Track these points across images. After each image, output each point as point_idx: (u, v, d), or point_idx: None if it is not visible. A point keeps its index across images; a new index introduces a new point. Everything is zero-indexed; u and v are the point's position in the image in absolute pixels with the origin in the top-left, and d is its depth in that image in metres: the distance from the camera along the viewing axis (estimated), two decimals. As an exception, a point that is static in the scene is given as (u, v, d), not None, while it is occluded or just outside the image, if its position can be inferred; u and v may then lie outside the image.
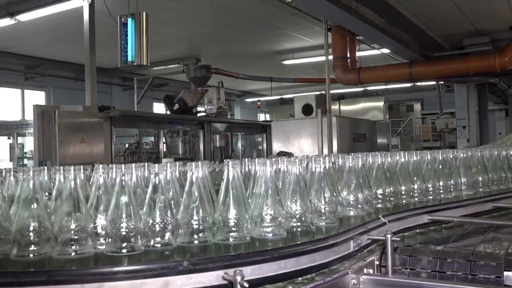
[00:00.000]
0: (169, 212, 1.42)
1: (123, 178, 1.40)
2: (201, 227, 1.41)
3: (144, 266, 1.25)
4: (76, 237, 1.34)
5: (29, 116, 8.01)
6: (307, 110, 8.83)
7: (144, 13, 7.03)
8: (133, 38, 6.91)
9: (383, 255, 1.78)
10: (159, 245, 1.38)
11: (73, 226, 1.34)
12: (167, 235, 1.40)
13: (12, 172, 1.61)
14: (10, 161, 8.39)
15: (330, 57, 9.61)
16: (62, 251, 1.32)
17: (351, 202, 1.88)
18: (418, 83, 13.93)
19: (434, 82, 14.81)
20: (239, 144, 12.35)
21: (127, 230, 1.35)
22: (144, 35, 6.94)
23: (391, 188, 2.16)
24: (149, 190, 1.46)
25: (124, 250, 1.33)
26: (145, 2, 7.51)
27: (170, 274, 1.24)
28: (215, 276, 1.27)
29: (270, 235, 1.45)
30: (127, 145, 9.79)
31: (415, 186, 2.31)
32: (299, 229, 1.55)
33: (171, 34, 10.66)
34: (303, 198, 1.58)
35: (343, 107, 17.66)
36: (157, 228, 1.40)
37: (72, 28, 8.88)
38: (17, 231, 1.35)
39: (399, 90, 18.40)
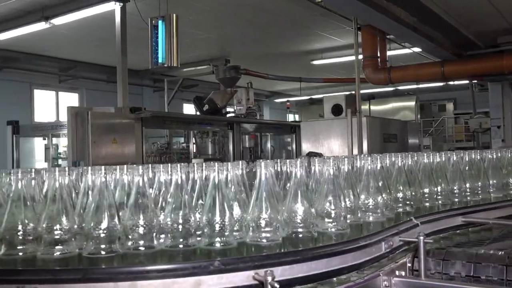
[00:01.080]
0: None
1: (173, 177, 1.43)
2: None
3: (176, 266, 1.27)
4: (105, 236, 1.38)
5: (63, 117, 8.21)
6: (336, 110, 8.76)
7: (174, 15, 7.11)
8: (163, 40, 6.99)
9: (416, 257, 1.75)
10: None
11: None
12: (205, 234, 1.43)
13: (45, 172, 1.64)
14: (45, 161, 8.59)
15: (360, 56, 9.51)
16: (107, 249, 1.37)
17: (381, 204, 1.86)
18: (451, 82, 13.65)
19: (467, 81, 14.49)
20: (268, 145, 12.35)
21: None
22: (174, 37, 7.02)
23: (425, 189, 2.13)
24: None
25: (181, 246, 1.41)
26: (175, 4, 7.59)
27: (201, 273, 1.25)
28: (245, 276, 1.28)
29: (301, 235, 1.46)
30: (158, 145, 9.90)
31: (445, 188, 2.26)
32: (333, 230, 1.55)
33: (201, 35, 10.74)
34: (336, 199, 1.57)
35: (373, 107, 17.43)
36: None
37: (104, 31, 9.05)
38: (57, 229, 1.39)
39: (431, 90, 18.07)
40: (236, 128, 10.09)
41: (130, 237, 1.40)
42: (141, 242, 1.39)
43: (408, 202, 2.04)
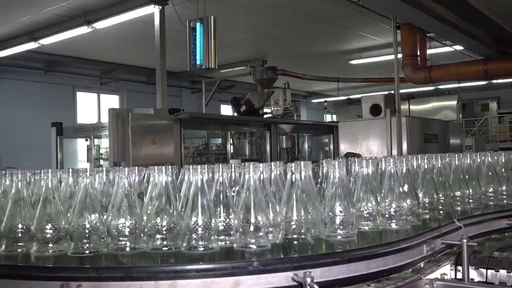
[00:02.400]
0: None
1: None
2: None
3: (215, 265, 1.28)
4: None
5: (105, 119, 8.39)
6: (375, 110, 8.64)
7: (212, 17, 7.17)
8: (201, 41, 7.06)
9: (458, 260, 1.71)
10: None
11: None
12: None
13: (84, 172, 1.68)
14: (87, 161, 8.81)
15: (399, 55, 9.35)
16: (154, 247, 1.41)
17: (426, 205, 1.83)
18: (494, 81, 13.23)
19: (511, 80, 14.02)
20: (306, 145, 12.30)
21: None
22: (212, 39, 7.08)
23: (468, 191, 2.07)
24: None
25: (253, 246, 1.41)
26: (213, 6, 7.65)
27: (240, 274, 1.25)
28: (284, 277, 1.27)
29: (339, 237, 1.44)
30: (196, 146, 10.01)
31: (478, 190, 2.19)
32: (371, 231, 1.53)
33: (238, 36, 10.80)
34: (375, 200, 1.55)
35: (413, 107, 17.13)
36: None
37: (144, 34, 9.22)
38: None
39: (473, 88, 17.55)
40: (273, 128, 10.09)
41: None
42: (200, 243, 1.42)
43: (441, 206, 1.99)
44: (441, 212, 1.95)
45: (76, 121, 12.70)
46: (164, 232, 1.42)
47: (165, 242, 1.42)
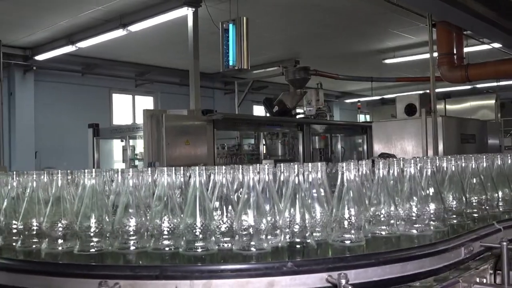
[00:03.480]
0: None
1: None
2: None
3: (249, 266, 1.29)
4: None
5: (139, 120, 8.52)
6: (410, 110, 8.50)
7: (244, 18, 7.20)
8: (234, 43, 7.10)
9: (498, 264, 1.66)
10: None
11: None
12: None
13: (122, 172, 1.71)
14: (123, 162, 8.98)
15: (435, 54, 9.17)
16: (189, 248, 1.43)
17: (454, 209, 1.78)
18: (535, 79, 12.83)
19: (553, 77, 13.55)
20: (339, 146, 12.20)
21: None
22: (244, 40, 7.11)
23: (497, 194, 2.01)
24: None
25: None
26: (245, 8, 7.68)
27: (274, 274, 1.26)
28: (318, 278, 1.27)
29: (348, 242, 1.44)
30: (229, 147, 10.05)
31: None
32: (414, 232, 1.51)
33: (270, 37, 10.80)
34: (415, 201, 1.53)
35: (449, 106, 16.76)
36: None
37: (177, 35, 9.32)
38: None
39: (512, 87, 17.08)
40: (306, 129, 10.05)
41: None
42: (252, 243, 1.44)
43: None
44: (475, 215, 1.89)
45: (112, 122, 12.95)
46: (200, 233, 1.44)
47: (199, 244, 1.43)
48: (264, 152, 10.31)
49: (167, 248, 1.46)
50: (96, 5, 8.47)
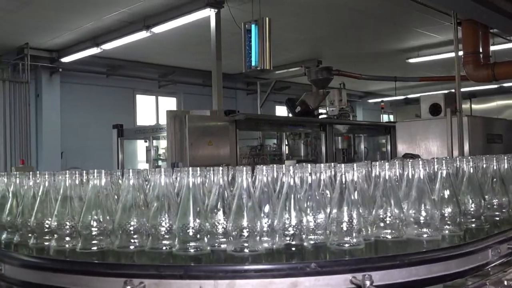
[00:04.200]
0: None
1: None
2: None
3: (273, 266, 1.29)
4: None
5: (163, 120, 8.61)
6: (434, 110, 8.39)
7: (267, 18, 7.21)
8: (256, 43, 7.11)
9: (527, 267, 1.63)
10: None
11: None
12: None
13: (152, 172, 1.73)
14: (147, 162, 9.08)
15: (460, 53, 9.02)
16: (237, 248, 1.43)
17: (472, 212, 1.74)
18: None
19: None
20: (362, 146, 12.11)
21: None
22: (267, 40, 7.12)
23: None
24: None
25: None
26: (267, 8, 7.69)
27: (298, 275, 1.25)
28: (342, 280, 1.26)
29: (390, 237, 1.42)
30: (251, 147, 10.07)
31: None
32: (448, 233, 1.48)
33: (293, 37, 10.78)
34: (434, 202, 1.51)
35: (474, 106, 16.48)
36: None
37: (200, 37, 9.39)
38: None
39: (541, 86, 16.70)
40: (328, 129, 10.00)
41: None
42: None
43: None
44: (496, 218, 1.84)
45: (135, 123, 13.10)
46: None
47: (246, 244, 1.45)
48: (287, 152, 10.29)
49: (192, 250, 1.46)
50: (120, 7, 8.58)
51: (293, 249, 1.44)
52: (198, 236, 1.45)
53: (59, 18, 9.08)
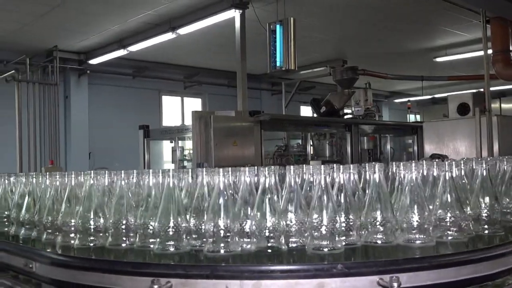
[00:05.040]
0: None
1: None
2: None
3: (299, 267, 1.29)
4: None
5: (188, 121, 8.67)
6: (463, 109, 8.24)
7: (291, 19, 7.19)
8: (281, 44, 7.10)
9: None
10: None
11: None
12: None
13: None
14: (172, 162, 9.15)
15: (489, 51, 8.84)
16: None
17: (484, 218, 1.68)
18: None
19: None
20: (388, 147, 11.96)
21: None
22: (292, 41, 7.10)
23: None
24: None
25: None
26: (292, 8, 7.68)
27: (324, 276, 1.25)
28: (369, 281, 1.25)
29: (418, 242, 1.40)
30: (276, 147, 10.06)
31: None
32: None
33: (318, 37, 10.73)
34: (462, 204, 1.48)
35: (504, 105, 16.14)
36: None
37: (224, 38, 9.43)
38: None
39: None
40: (354, 129, 9.91)
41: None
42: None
43: None
44: None
45: (161, 124, 13.23)
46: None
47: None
48: (312, 152, 10.24)
49: (222, 251, 1.47)
50: (146, 9, 8.68)
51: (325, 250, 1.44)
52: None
53: (86, 21, 9.24)
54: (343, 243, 1.43)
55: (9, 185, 2.31)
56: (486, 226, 1.61)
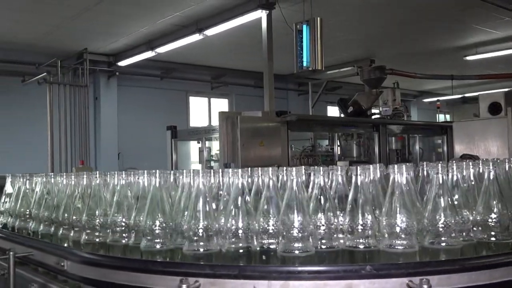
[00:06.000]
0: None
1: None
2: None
3: (327, 268, 1.28)
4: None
5: (215, 122, 8.72)
6: (494, 109, 8.05)
7: (318, 18, 7.16)
8: (308, 44, 7.08)
9: None
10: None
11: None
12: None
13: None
14: (199, 163, 9.21)
15: (522, 49, 8.64)
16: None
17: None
18: None
19: None
20: (417, 147, 11.78)
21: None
22: (318, 40, 7.07)
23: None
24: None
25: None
26: (319, 8, 7.64)
27: (353, 277, 1.24)
28: (398, 283, 1.23)
29: (297, 251, 1.40)
30: (303, 148, 10.02)
31: None
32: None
33: (344, 37, 10.66)
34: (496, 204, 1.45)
35: (538, 105, 15.70)
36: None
37: (251, 38, 9.45)
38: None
39: None
40: (382, 130, 9.80)
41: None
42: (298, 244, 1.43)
43: None
44: None
45: (189, 125, 13.35)
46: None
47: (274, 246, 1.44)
48: (339, 153, 10.17)
49: (241, 250, 1.48)
50: (173, 11, 8.77)
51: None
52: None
53: (115, 24, 9.39)
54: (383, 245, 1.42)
55: (47, 185, 2.33)
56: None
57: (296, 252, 1.40)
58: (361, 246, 1.44)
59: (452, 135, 8.68)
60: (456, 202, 1.47)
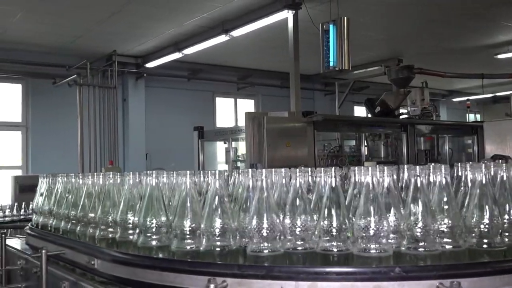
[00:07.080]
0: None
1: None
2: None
3: (355, 269, 1.27)
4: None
5: (241, 122, 8.75)
6: (527, 108, 7.88)
7: (345, 18, 7.11)
8: (334, 43, 7.03)
9: None
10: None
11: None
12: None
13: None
14: (226, 163, 9.26)
15: (556, 46, 8.40)
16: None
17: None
18: None
19: None
20: (446, 147, 11.58)
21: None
22: (345, 40, 7.02)
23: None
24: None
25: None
26: (345, 8, 7.59)
27: (381, 279, 1.23)
28: (428, 285, 1.22)
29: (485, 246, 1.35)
30: (330, 148, 9.96)
31: None
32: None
33: (372, 36, 10.55)
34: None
35: None
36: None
37: (277, 39, 9.43)
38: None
39: None
40: (410, 130, 9.67)
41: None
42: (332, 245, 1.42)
43: None
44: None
45: (215, 125, 13.42)
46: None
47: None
48: (366, 153, 10.07)
49: (266, 251, 1.48)
50: (200, 13, 8.83)
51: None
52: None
53: (143, 26, 9.51)
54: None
55: (85, 185, 2.34)
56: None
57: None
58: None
59: (483, 135, 8.52)
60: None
